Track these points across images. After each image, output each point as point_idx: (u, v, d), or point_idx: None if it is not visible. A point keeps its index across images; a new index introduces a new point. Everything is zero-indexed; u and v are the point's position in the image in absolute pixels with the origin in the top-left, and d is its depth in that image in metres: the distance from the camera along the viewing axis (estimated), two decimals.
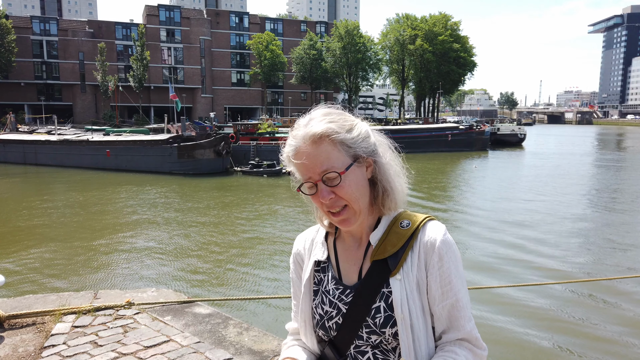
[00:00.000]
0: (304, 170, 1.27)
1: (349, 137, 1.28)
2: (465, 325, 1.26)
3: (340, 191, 1.25)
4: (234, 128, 42.02)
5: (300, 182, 1.33)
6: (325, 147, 1.25)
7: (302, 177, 1.29)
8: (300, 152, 1.26)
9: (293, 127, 1.33)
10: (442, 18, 76.83)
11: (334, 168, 1.24)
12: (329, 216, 1.30)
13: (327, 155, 1.25)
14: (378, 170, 1.33)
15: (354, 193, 1.27)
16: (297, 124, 1.32)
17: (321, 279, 1.42)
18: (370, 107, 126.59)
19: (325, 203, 1.26)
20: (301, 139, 1.27)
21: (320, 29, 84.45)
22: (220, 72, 78.12)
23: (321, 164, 1.24)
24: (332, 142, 1.26)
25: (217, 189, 28.86)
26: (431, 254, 1.27)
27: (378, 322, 1.26)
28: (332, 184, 1.25)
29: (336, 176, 1.24)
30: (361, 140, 1.30)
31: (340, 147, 1.26)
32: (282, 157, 1.35)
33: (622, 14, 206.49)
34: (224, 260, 14.12)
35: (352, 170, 1.27)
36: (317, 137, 1.25)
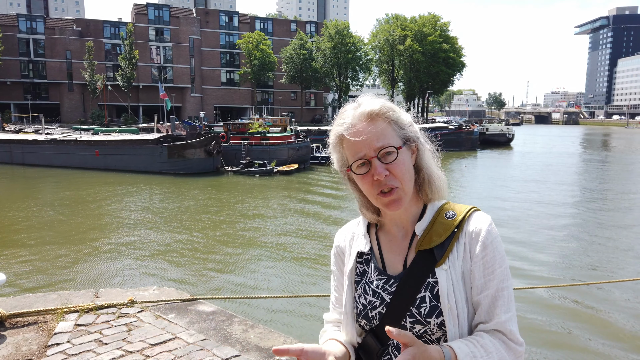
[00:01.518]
0: (357, 148, 1.27)
1: (402, 117, 1.33)
2: (501, 316, 1.25)
3: (395, 168, 1.26)
4: (224, 127, 41.80)
5: (344, 165, 1.34)
6: (381, 124, 1.28)
7: (353, 157, 1.29)
8: (355, 130, 1.27)
9: (339, 115, 1.35)
10: (432, 19, 77.21)
11: (391, 143, 1.27)
12: (378, 198, 1.29)
13: (382, 132, 1.27)
14: (422, 157, 1.35)
15: (407, 173, 1.29)
16: (344, 109, 1.34)
17: (364, 270, 1.42)
18: None
19: (380, 180, 1.25)
20: (355, 117, 1.29)
21: (310, 29, 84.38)
22: (209, 72, 77.72)
23: (377, 139, 1.26)
24: (387, 120, 1.29)
25: (210, 189, 28.73)
26: (476, 244, 1.28)
27: (423, 312, 1.27)
28: (387, 160, 1.26)
29: (393, 151, 1.26)
30: (410, 124, 1.34)
31: (394, 126, 1.29)
32: (329, 140, 1.37)
33: (607, 15, 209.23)
34: (222, 259, 14.10)
35: (404, 151, 1.29)
36: (374, 114, 1.28)
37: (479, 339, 1.23)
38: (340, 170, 1.40)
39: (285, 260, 14.13)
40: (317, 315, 9.92)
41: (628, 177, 35.10)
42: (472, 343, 1.22)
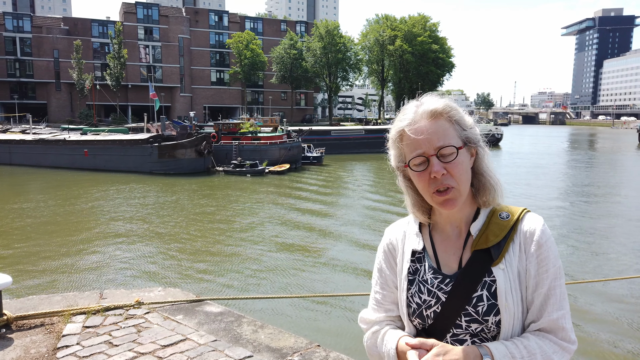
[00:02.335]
0: (417, 145, 1.29)
1: (465, 119, 1.35)
2: (552, 313, 1.27)
3: (453, 168, 1.28)
4: (215, 127, 41.58)
5: (401, 161, 1.36)
6: (443, 123, 1.30)
7: (412, 153, 1.30)
8: (417, 127, 1.29)
9: (401, 111, 1.38)
10: (421, 19, 77.56)
11: (452, 143, 1.28)
12: (433, 197, 1.30)
13: (444, 131, 1.29)
14: (481, 161, 1.36)
15: (464, 174, 1.30)
16: (406, 106, 1.37)
17: (417, 268, 1.43)
18: (350, 107, 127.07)
19: (437, 178, 1.27)
20: (418, 114, 1.31)
21: (301, 29, 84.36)
22: (199, 71, 77.34)
23: (438, 138, 1.28)
24: (450, 120, 1.31)
25: (203, 189, 28.60)
26: (530, 243, 1.31)
27: (481, 310, 1.28)
28: (446, 159, 1.27)
29: (453, 151, 1.28)
30: (472, 127, 1.35)
31: (455, 126, 1.31)
32: (389, 135, 1.39)
33: (593, 17, 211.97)
34: (221, 259, 14.05)
35: (464, 152, 1.31)
36: (437, 113, 1.30)
37: (522, 340, 1.26)
38: (396, 167, 1.42)
39: (284, 260, 14.12)
40: (324, 314, 9.95)
41: (615, 177, 35.59)
42: (514, 344, 1.25)
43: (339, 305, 10.36)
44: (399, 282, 1.47)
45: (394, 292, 1.50)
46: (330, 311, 10.13)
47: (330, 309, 10.20)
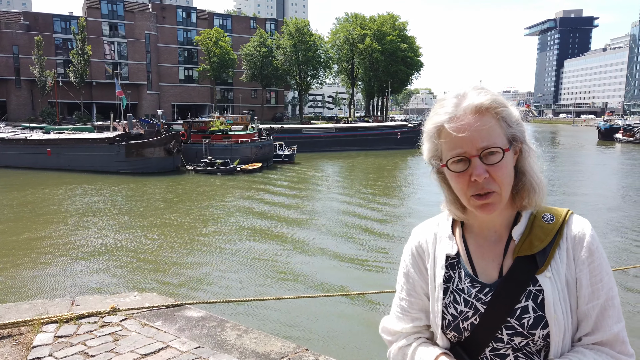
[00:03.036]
0: (457, 143, 1.14)
1: (513, 113, 1.20)
2: (612, 327, 1.16)
3: (497, 171, 1.13)
4: (184, 126, 40.88)
5: (436, 157, 1.22)
6: (489, 120, 1.15)
7: (451, 152, 1.16)
8: (459, 123, 1.14)
9: (438, 103, 1.22)
10: (390, 18, 78.25)
11: (497, 144, 1.14)
12: (471, 200, 1.17)
13: (490, 130, 1.14)
14: (526, 160, 1.22)
15: (508, 177, 1.17)
16: (445, 98, 1.21)
17: (449, 276, 1.29)
18: (320, 106, 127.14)
19: (478, 182, 1.13)
20: (460, 109, 1.15)
21: (270, 26, 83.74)
22: (167, 68, 75.82)
23: (482, 138, 1.13)
24: (496, 117, 1.16)
25: (174, 188, 28.01)
26: (580, 249, 1.19)
27: (527, 323, 1.16)
28: (490, 161, 1.13)
29: (498, 152, 1.13)
30: (517, 122, 1.20)
31: (502, 123, 1.17)
32: (424, 128, 1.24)
33: (555, 18, 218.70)
34: (196, 261, 13.72)
35: (509, 153, 1.17)
36: (484, 108, 1.15)
37: (580, 357, 1.15)
38: (429, 161, 1.26)
39: (261, 262, 13.91)
40: (310, 316, 9.78)
41: (578, 174, 36.76)
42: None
43: (324, 306, 10.23)
44: (431, 290, 1.33)
45: (422, 300, 1.36)
46: (315, 313, 9.99)
47: (315, 311, 10.06)
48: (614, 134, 70.63)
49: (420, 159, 1.29)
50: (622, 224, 18.67)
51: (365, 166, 40.82)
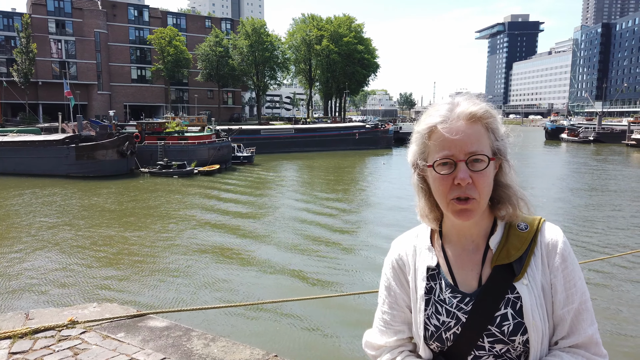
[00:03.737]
0: (447, 145, 1.18)
1: (501, 128, 1.25)
2: (587, 329, 1.20)
3: (479, 179, 1.17)
4: (138, 127, 39.72)
5: (422, 159, 1.25)
6: (479, 129, 1.20)
7: (439, 154, 1.19)
8: (451, 126, 1.18)
9: (432, 107, 1.26)
10: (347, 20, 78.96)
11: (484, 152, 1.18)
12: (451, 204, 1.19)
13: (479, 137, 1.19)
14: (507, 174, 1.27)
15: (488, 187, 1.21)
16: (439, 104, 1.25)
17: (431, 287, 1.32)
18: (278, 106, 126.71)
19: (461, 185, 1.16)
20: (454, 114, 1.19)
21: (226, 26, 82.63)
22: (118, 68, 73.42)
23: (471, 144, 1.17)
24: (486, 127, 1.21)
25: (129, 191, 27.13)
26: (554, 256, 1.23)
27: (507, 330, 1.19)
28: (475, 168, 1.17)
29: (484, 160, 1.18)
30: (503, 138, 1.25)
31: (490, 135, 1.22)
32: (417, 129, 1.27)
33: (503, 22, 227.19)
34: (158, 269, 13.24)
35: (492, 164, 1.21)
36: (477, 117, 1.19)
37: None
38: (415, 164, 1.29)
39: (222, 267, 13.67)
40: (277, 322, 9.66)
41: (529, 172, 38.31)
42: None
43: (292, 311, 10.15)
44: (413, 302, 1.35)
45: (405, 312, 1.38)
46: (284, 318, 9.88)
47: (283, 316, 9.95)
48: (559, 134, 74.03)
49: (377, 159, 1.31)
50: (570, 219, 19.60)
51: (324, 167, 40.98)
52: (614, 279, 12.04)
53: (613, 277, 12.20)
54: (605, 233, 17.02)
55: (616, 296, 10.99)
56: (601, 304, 10.34)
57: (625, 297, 10.96)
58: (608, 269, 12.72)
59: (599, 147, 61.05)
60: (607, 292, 11.22)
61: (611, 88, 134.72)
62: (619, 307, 10.36)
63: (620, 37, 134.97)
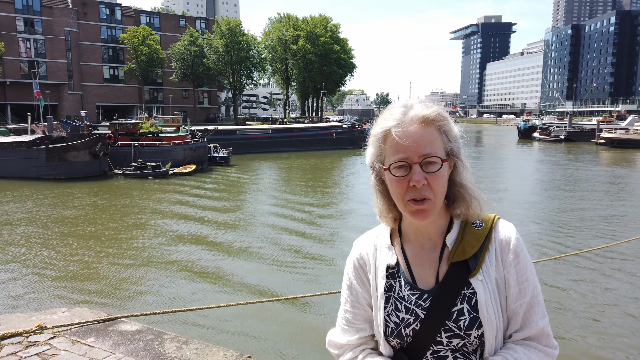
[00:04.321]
0: (401, 149, 1.21)
1: (454, 130, 1.29)
2: (538, 322, 1.26)
3: (434, 180, 1.21)
4: (111, 128, 38.95)
5: (379, 161, 1.28)
6: (432, 132, 1.23)
7: (394, 157, 1.22)
8: (405, 130, 1.21)
9: (387, 110, 1.29)
10: (323, 20, 79.03)
11: (437, 154, 1.22)
12: (407, 205, 1.23)
13: (432, 140, 1.22)
14: (461, 174, 1.31)
15: (442, 187, 1.25)
16: (393, 107, 1.29)
17: (391, 285, 1.35)
18: (255, 106, 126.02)
19: (416, 187, 1.20)
20: (408, 117, 1.23)
21: (201, 25, 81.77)
22: (90, 67, 71.88)
23: (425, 146, 1.21)
24: (439, 129, 1.25)
25: (101, 194, 26.58)
26: (507, 252, 1.28)
27: (463, 325, 1.24)
28: (429, 169, 1.21)
29: (437, 162, 1.22)
30: (456, 138, 1.30)
31: (443, 136, 1.25)
32: (372, 132, 1.30)
33: (477, 23, 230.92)
34: (132, 272, 12.97)
35: (446, 165, 1.25)
36: (429, 120, 1.23)
37: (511, 353, 1.23)
38: (370, 165, 1.33)
39: (196, 269, 13.49)
40: (250, 322, 9.57)
41: (502, 171, 39.03)
42: (505, 358, 1.22)
43: (266, 312, 10.07)
44: (373, 300, 1.39)
45: (366, 310, 1.41)
46: (257, 319, 9.78)
47: (257, 317, 9.85)
48: (532, 133, 75.63)
49: (355, 159, 1.33)
50: (540, 216, 20.04)
51: (302, 167, 40.93)
52: (566, 276, 12.34)
53: (566, 274, 12.51)
54: (568, 231, 17.44)
55: (565, 293, 11.24)
56: (554, 298, 10.57)
57: (576, 293, 11.22)
58: (565, 267, 13.04)
59: (569, 146, 62.61)
60: (559, 288, 11.47)
61: (581, 88, 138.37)
62: (570, 302, 10.61)
63: (589, 39, 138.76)
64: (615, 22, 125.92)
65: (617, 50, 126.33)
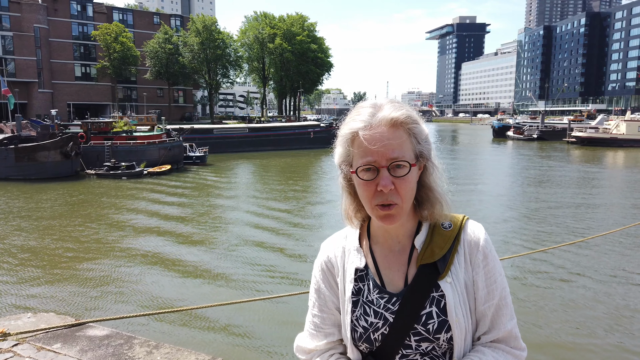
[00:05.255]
0: (369, 152, 1.16)
1: (423, 131, 1.23)
2: (506, 324, 1.23)
3: (401, 184, 1.17)
4: (83, 127, 38.01)
5: (347, 162, 1.24)
6: (401, 134, 1.18)
7: (362, 160, 1.18)
8: (372, 132, 1.17)
9: (355, 109, 1.24)
10: (299, 18, 78.85)
11: (406, 158, 1.17)
12: (375, 209, 1.19)
13: (401, 144, 1.18)
14: (430, 176, 1.26)
15: (410, 191, 1.20)
16: (362, 107, 1.23)
17: (360, 288, 1.31)
18: (231, 105, 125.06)
19: (384, 192, 1.16)
20: (376, 119, 1.18)
21: (176, 23, 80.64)
22: (61, 65, 70.12)
23: (393, 150, 1.16)
24: (408, 132, 1.20)
25: (72, 195, 25.91)
26: (476, 253, 1.25)
27: (431, 328, 1.20)
28: (397, 174, 1.17)
29: (405, 166, 1.17)
30: (426, 140, 1.24)
31: (412, 139, 1.20)
32: (339, 132, 1.25)
33: (452, 23, 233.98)
34: (101, 276, 12.60)
35: (414, 169, 1.20)
36: (398, 122, 1.18)
37: (480, 356, 1.21)
38: (339, 165, 1.28)
39: (166, 270, 13.24)
40: (222, 325, 9.40)
41: (476, 169, 39.62)
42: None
43: (238, 313, 9.93)
44: (341, 304, 1.34)
45: (335, 314, 1.37)
46: (229, 320, 9.64)
47: (229, 318, 9.70)
48: (506, 132, 77.01)
49: (332, 158, 1.29)
50: (512, 213, 20.39)
51: (279, 167, 40.76)
52: (536, 272, 12.55)
53: (536, 270, 12.72)
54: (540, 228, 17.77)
55: (534, 290, 11.41)
56: (521, 297, 10.69)
57: (542, 291, 11.40)
58: (535, 263, 13.27)
59: (542, 145, 63.99)
60: (527, 286, 11.61)
61: (553, 88, 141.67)
62: (538, 300, 10.77)
63: (561, 39, 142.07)
64: (585, 23, 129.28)
65: (587, 51, 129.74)
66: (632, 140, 58.24)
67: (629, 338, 8.97)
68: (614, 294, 11.10)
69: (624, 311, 10.12)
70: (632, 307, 10.32)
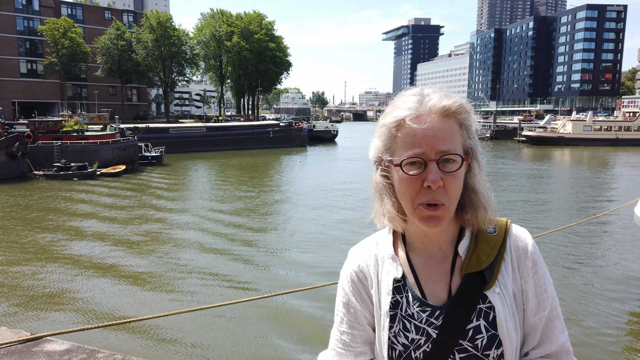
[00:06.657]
0: (417, 142, 1.04)
1: (474, 125, 1.12)
2: (559, 337, 1.12)
3: (451, 182, 1.05)
4: (30, 126, 36.19)
5: (386, 155, 1.12)
6: (452, 125, 1.07)
7: (408, 152, 1.05)
8: (422, 121, 1.05)
9: (398, 97, 1.13)
10: (257, 17, 78.05)
11: (457, 151, 1.05)
12: (418, 209, 1.07)
13: (452, 135, 1.06)
14: (476, 176, 1.14)
15: (458, 190, 1.08)
16: (405, 94, 1.11)
17: (397, 301, 1.16)
18: (187, 104, 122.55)
19: (432, 188, 1.04)
20: (425, 107, 1.06)
21: (128, 19, 78.08)
22: (5, 61, 66.41)
23: (444, 142, 1.04)
24: (459, 123, 1.09)
25: (20, 198, 24.52)
26: (524, 260, 1.14)
27: (480, 344, 1.07)
28: (447, 169, 1.05)
29: (457, 161, 1.05)
30: (475, 135, 1.12)
31: (463, 131, 1.09)
32: (381, 122, 1.13)
33: (408, 25, 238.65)
34: (57, 284, 11.88)
35: (464, 165, 1.08)
36: (450, 111, 1.06)
37: None
38: (377, 159, 1.16)
39: (128, 277, 12.70)
40: (191, 332, 9.05)
41: None
42: None
43: (208, 319, 9.61)
44: (377, 319, 1.19)
45: (367, 331, 1.21)
46: (196, 326, 9.32)
47: (199, 325, 9.38)
48: None
49: (293, 158, 1.18)
50: None
51: (238, 166, 40.18)
52: None
53: None
54: None
55: None
56: None
57: None
58: None
59: (495, 144, 66.15)
60: None
61: (503, 89, 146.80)
62: None
63: (510, 42, 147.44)
64: (533, 27, 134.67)
65: (535, 53, 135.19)
66: (578, 139, 61.23)
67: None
68: (561, 291, 11.52)
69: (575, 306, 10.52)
70: (579, 303, 10.74)
